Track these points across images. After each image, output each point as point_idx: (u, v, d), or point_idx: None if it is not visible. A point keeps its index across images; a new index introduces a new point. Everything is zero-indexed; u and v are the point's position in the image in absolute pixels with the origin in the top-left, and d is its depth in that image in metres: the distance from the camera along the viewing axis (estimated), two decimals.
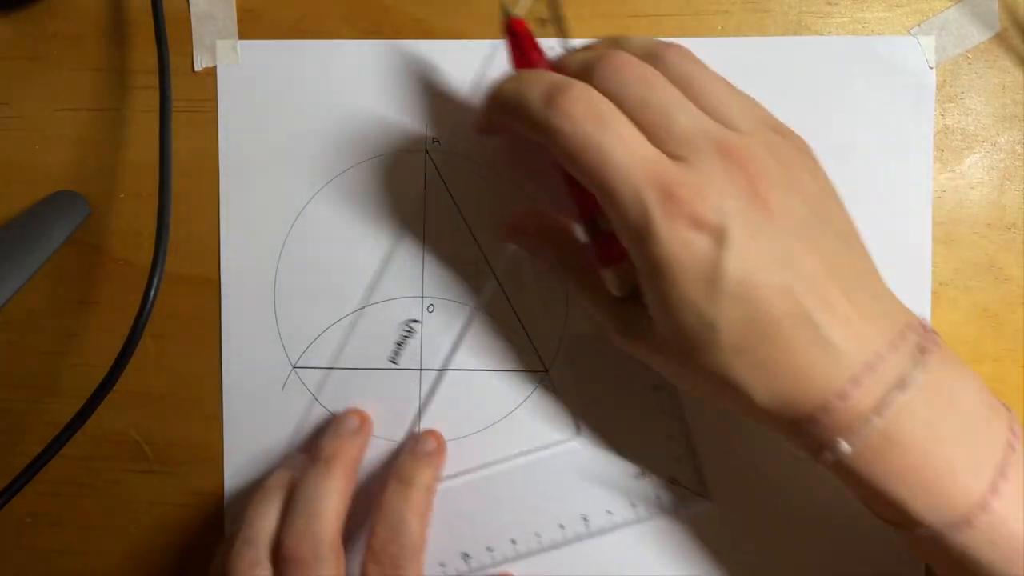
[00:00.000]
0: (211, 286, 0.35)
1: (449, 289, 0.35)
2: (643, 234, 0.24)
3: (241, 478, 0.36)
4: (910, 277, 0.33)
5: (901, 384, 0.24)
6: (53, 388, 0.36)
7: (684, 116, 0.26)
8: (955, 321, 0.33)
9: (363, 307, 0.35)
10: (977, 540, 0.24)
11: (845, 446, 0.24)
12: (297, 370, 0.35)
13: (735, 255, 0.24)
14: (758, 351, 0.24)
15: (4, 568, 0.37)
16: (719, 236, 0.24)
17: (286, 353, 0.35)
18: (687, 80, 0.27)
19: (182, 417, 0.36)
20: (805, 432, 0.25)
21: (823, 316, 0.24)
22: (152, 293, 0.31)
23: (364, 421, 0.33)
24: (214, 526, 0.36)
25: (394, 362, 0.35)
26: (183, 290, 0.35)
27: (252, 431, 0.35)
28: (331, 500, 0.30)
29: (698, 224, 0.24)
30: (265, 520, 0.30)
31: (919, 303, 0.33)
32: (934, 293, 0.33)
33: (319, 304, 0.35)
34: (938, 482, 0.24)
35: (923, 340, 0.26)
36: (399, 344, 0.35)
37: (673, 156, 0.25)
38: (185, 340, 0.36)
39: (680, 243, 0.24)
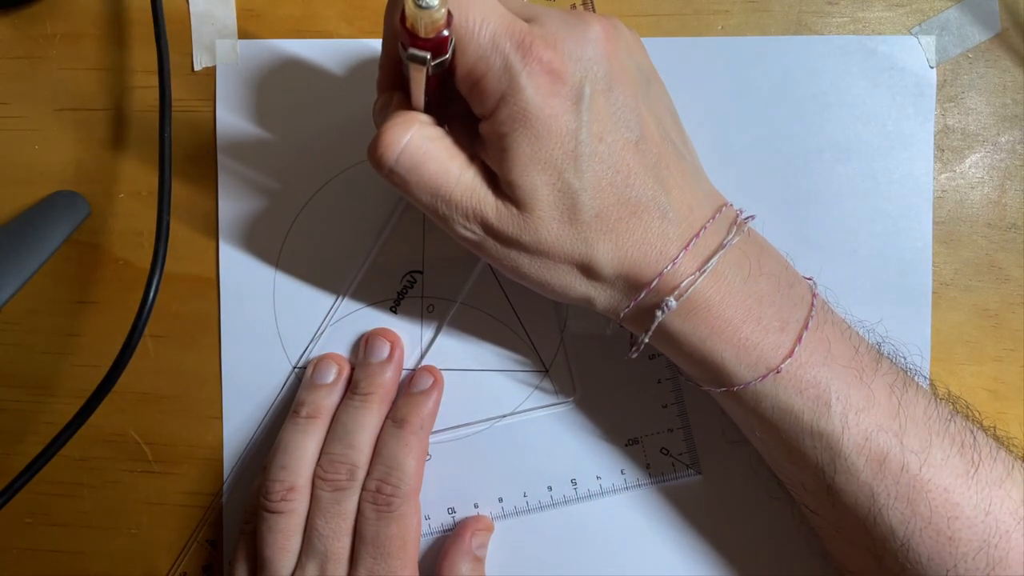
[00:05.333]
0: (211, 286, 0.35)
1: (449, 288, 0.35)
2: (508, 84, 0.25)
3: (241, 478, 0.36)
4: (910, 277, 0.33)
5: (720, 246, 0.27)
6: (53, 388, 0.36)
7: None
8: (955, 321, 0.33)
9: (363, 307, 0.35)
10: (785, 388, 0.27)
11: (672, 303, 0.26)
12: (297, 370, 0.35)
13: (592, 111, 0.26)
14: (612, 214, 0.26)
15: (4, 568, 0.37)
16: (577, 89, 0.25)
17: (286, 353, 0.35)
18: None
19: (182, 417, 0.36)
20: (640, 301, 0.27)
21: (661, 184, 0.27)
22: (152, 293, 0.31)
23: (394, 346, 0.34)
24: (214, 526, 0.36)
25: None
26: (183, 290, 0.35)
27: (252, 431, 0.35)
28: (366, 432, 0.32)
29: (557, 75, 0.25)
30: (302, 449, 0.32)
31: (920, 303, 0.33)
32: (935, 293, 0.33)
33: (319, 304, 0.35)
34: (751, 336, 0.27)
35: (734, 216, 0.28)
36: None
37: (527, 20, 0.26)
38: (185, 340, 0.36)
39: (543, 93, 0.25)
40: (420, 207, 0.28)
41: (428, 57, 0.24)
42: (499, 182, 0.27)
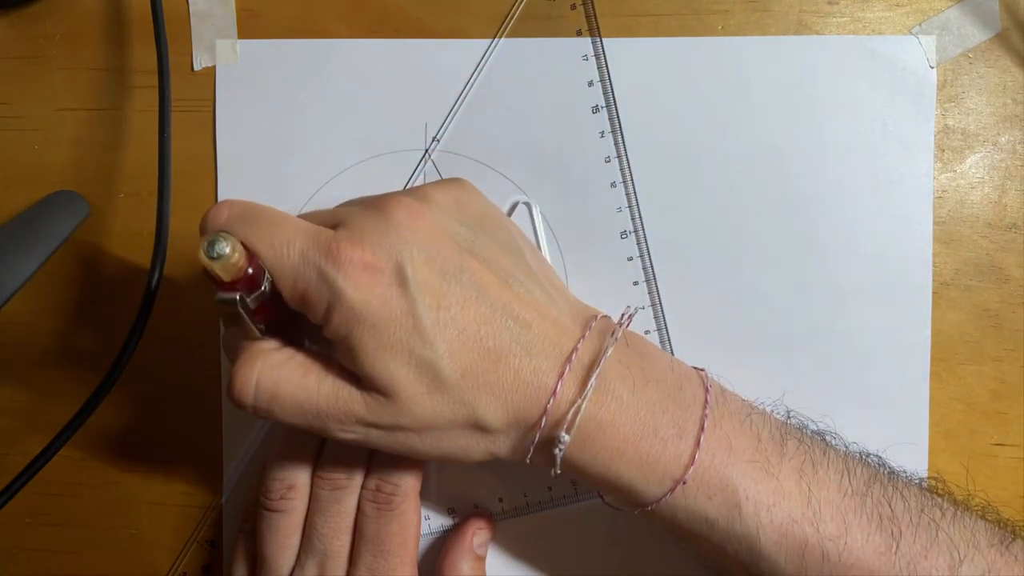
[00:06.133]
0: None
1: None
2: (329, 292, 0.25)
3: (241, 478, 0.36)
4: (910, 277, 0.33)
5: (594, 364, 0.26)
6: (53, 388, 0.36)
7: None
8: (956, 321, 0.33)
9: None
10: (695, 497, 0.26)
11: (566, 436, 0.26)
12: None
13: (419, 285, 0.26)
14: (478, 369, 0.26)
15: (4, 568, 0.37)
16: (397, 271, 0.26)
17: None
18: None
19: (182, 417, 0.36)
20: (538, 441, 0.27)
21: (517, 322, 0.27)
22: (152, 293, 0.31)
23: None
24: (214, 526, 0.36)
25: None
26: (183, 290, 0.35)
27: (252, 431, 0.35)
28: None
29: (371, 267, 0.26)
30: (302, 447, 0.31)
31: (920, 303, 0.33)
32: (935, 293, 0.33)
33: None
34: (651, 451, 0.26)
35: (608, 327, 0.28)
36: None
37: (335, 225, 0.27)
38: (185, 340, 0.36)
39: (365, 288, 0.25)
40: (297, 428, 0.28)
41: (238, 298, 0.25)
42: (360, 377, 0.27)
